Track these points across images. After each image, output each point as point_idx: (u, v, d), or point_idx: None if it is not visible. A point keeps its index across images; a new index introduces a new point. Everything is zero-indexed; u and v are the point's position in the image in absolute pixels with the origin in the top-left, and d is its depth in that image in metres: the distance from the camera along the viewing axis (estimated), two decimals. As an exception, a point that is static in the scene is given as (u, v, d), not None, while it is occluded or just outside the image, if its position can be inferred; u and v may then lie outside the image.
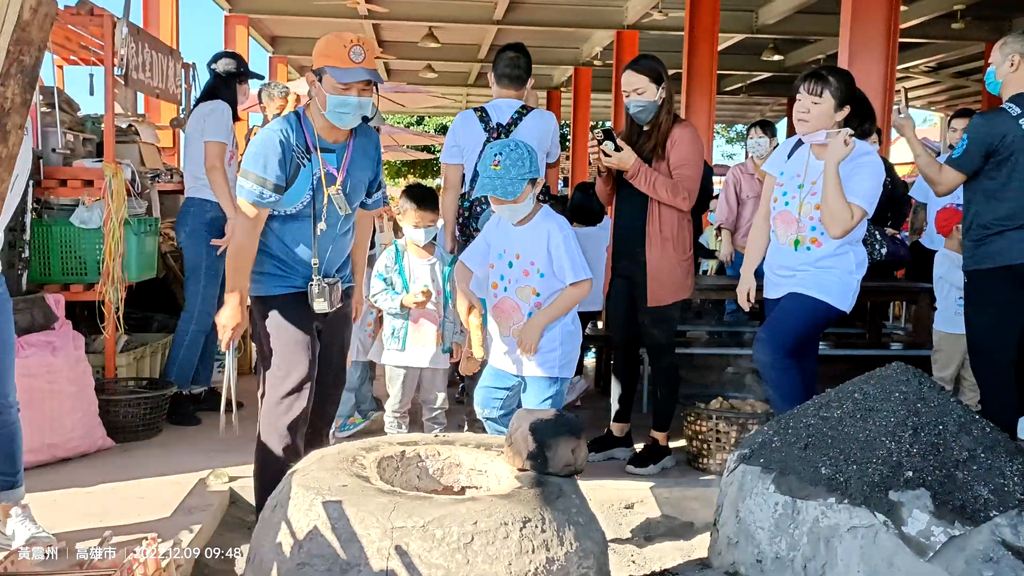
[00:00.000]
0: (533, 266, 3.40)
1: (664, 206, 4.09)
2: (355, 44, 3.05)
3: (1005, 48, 4.08)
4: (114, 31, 4.73)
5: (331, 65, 3.05)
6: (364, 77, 3.06)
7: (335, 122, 3.15)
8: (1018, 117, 3.98)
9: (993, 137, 3.99)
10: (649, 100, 4.06)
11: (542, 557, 2.07)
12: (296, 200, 3.18)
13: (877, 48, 7.07)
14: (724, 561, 2.38)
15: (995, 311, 4.10)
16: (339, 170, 3.25)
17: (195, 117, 5.05)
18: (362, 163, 3.34)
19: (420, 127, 29.90)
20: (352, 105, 3.09)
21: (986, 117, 4.13)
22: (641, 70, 4.06)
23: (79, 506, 3.62)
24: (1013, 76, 4.07)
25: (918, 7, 11.78)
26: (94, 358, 4.65)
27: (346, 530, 2.08)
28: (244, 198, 3.10)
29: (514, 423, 2.42)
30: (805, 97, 3.66)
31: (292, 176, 3.14)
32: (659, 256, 4.11)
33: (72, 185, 4.73)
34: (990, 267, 4.07)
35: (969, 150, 4.06)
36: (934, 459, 2.12)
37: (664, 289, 4.13)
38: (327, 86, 3.07)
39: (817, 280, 3.71)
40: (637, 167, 4.01)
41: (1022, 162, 3.98)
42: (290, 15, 13.37)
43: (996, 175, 4.04)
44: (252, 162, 3.08)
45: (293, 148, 3.13)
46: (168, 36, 8.88)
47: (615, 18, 13.33)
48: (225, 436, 4.17)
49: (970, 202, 4.18)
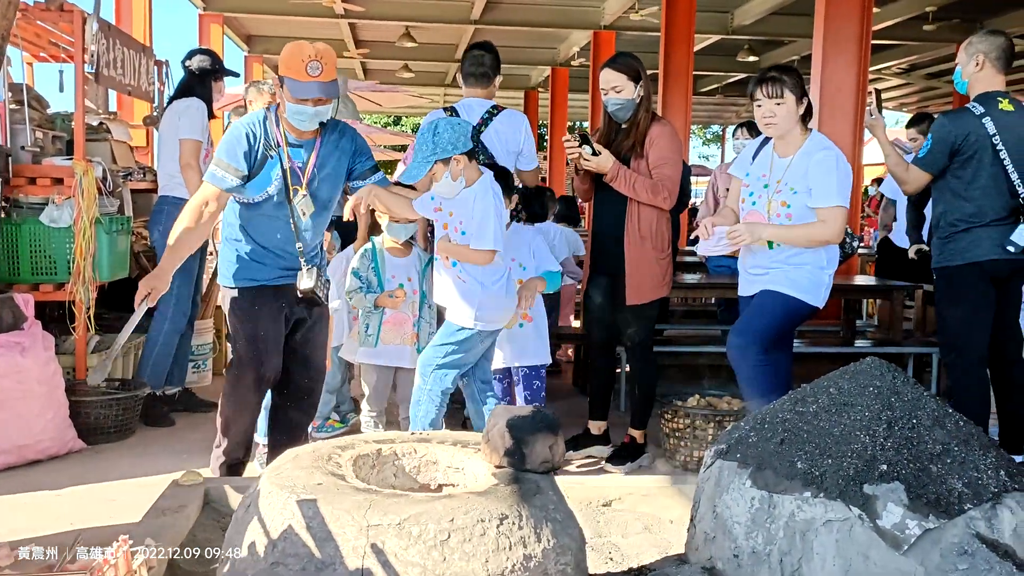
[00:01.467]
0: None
1: (643, 205, 4.10)
2: (312, 59, 3.20)
3: (970, 48, 4.15)
4: (84, 27, 4.67)
5: (289, 77, 3.23)
6: (316, 94, 3.23)
7: (296, 125, 3.35)
8: (981, 116, 4.04)
9: (956, 136, 4.06)
10: (627, 98, 4.07)
11: (519, 554, 2.06)
12: (261, 189, 3.36)
13: (850, 49, 7.13)
14: (701, 556, 2.38)
15: (965, 308, 4.16)
16: (305, 167, 3.39)
17: (169, 115, 5.00)
18: (335, 157, 3.46)
19: (397, 127, 29.82)
20: (309, 114, 3.29)
21: (950, 117, 4.19)
22: (619, 68, 4.08)
23: (49, 509, 3.57)
24: (979, 75, 4.14)
25: (890, 9, 11.89)
26: (65, 359, 4.60)
27: (321, 529, 2.06)
28: (205, 178, 3.37)
29: (491, 420, 2.41)
30: (766, 101, 3.70)
31: (258, 166, 3.34)
32: (638, 254, 4.13)
33: (42, 183, 4.67)
34: (959, 264, 4.13)
35: (933, 150, 4.12)
36: (908, 453, 2.13)
37: (644, 287, 4.15)
38: (286, 94, 3.26)
39: (788, 276, 3.74)
40: (616, 170, 4.03)
41: (986, 160, 4.04)
42: (266, 14, 13.27)
43: (962, 174, 4.09)
44: (219, 150, 3.35)
45: (259, 140, 3.33)
46: (141, 34, 8.79)
47: (592, 19, 13.36)
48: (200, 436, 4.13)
49: (938, 201, 4.25)
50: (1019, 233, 4.01)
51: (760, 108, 3.72)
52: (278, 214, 3.42)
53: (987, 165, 4.04)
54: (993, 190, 4.05)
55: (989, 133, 4.02)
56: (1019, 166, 4.04)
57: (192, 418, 5.02)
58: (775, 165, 3.79)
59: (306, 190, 3.39)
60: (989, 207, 4.06)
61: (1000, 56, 4.10)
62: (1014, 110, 4.09)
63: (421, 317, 4.36)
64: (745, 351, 3.72)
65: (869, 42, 7.28)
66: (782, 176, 3.73)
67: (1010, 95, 4.15)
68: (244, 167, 3.31)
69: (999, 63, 4.11)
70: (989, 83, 4.12)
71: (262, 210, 3.41)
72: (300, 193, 3.38)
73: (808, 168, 3.67)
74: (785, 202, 3.70)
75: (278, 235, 3.44)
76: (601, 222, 4.26)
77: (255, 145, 3.32)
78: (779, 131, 3.73)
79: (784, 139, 3.77)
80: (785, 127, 3.71)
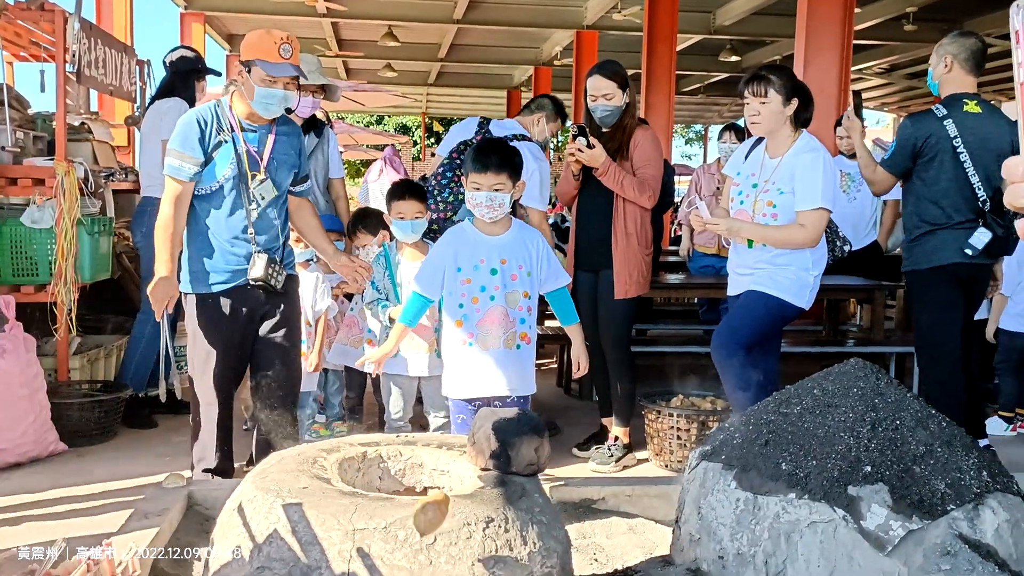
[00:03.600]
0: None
1: (629, 204, 4.21)
2: (284, 42, 3.33)
3: (940, 50, 4.19)
4: (66, 27, 4.63)
5: (260, 59, 3.31)
6: (292, 73, 3.35)
7: (260, 112, 3.41)
8: (943, 118, 4.07)
9: (918, 138, 4.09)
10: (616, 105, 4.20)
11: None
12: (215, 176, 3.39)
13: (832, 49, 7.18)
14: (686, 558, 2.38)
15: (934, 311, 4.17)
16: (261, 152, 3.44)
17: (151, 115, 4.97)
18: (287, 145, 3.54)
19: (380, 126, 29.76)
20: (278, 97, 3.37)
21: (913, 119, 4.23)
22: (610, 76, 4.19)
23: (31, 512, 3.54)
24: (948, 77, 4.17)
25: (871, 9, 11.97)
26: (46, 360, 4.56)
27: (307, 533, 2.05)
28: (166, 173, 3.38)
29: (476, 422, 2.41)
30: (752, 100, 3.74)
31: (211, 151, 3.38)
32: (624, 250, 4.23)
33: (22, 184, 4.63)
34: (926, 267, 4.15)
35: (897, 152, 4.17)
36: (892, 454, 2.14)
37: (631, 282, 4.25)
38: (255, 78, 3.34)
39: (773, 277, 3.76)
40: (607, 164, 4.13)
41: (947, 163, 4.05)
42: (248, 13, 13.22)
43: (924, 176, 4.13)
44: (173, 141, 3.37)
45: (211, 126, 3.38)
46: (122, 33, 8.72)
47: (575, 18, 13.37)
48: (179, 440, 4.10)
49: (906, 203, 4.29)
50: (977, 237, 4.02)
51: (747, 106, 3.77)
52: (231, 204, 3.42)
53: (948, 168, 4.06)
54: (955, 192, 4.06)
55: (950, 135, 4.03)
56: (981, 169, 4.04)
57: (174, 420, 4.99)
58: (765, 165, 3.82)
59: (264, 174, 3.43)
60: (952, 209, 4.08)
61: (969, 58, 4.12)
62: (981, 112, 4.10)
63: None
64: (729, 351, 3.75)
65: (851, 42, 7.34)
66: (770, 176, 3.76)
67: (979, 97, 4.17)
68: (200, 154, 3.35)
69: (968, 65, 4.13)
70: (958, 85, 4.15)
71: (214, 202, 3.42)
72: (258, 178, 3.41)
73: (795, 170, 3.69)
74: (771, 202, 3.72)
75: (231, 227, 3.43)
76: (587, 221, 4.35)
77: (207, 131, 3.36)
78: (763, 130, 3.77)
79: (774, 139, 3.80)
80: (769, 126, 3.75)
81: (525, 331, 3.35)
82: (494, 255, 3.30)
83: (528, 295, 3.33)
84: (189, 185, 3.38)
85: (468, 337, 3.30)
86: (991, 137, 4.05)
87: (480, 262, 3.31)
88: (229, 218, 3.43)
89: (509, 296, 3.30)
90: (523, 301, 3.32)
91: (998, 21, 12.30)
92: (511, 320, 3.31)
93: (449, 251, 3.36)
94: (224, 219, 3.43)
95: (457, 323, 3.32)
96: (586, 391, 5.77)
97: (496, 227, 3.33)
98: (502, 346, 3.30)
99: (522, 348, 3.36)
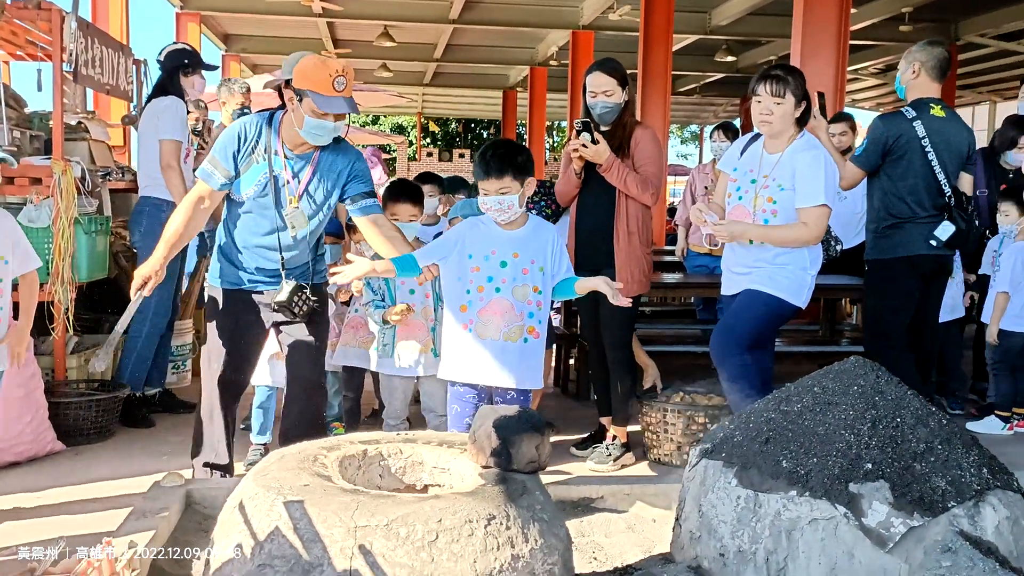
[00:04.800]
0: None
1: (631, 202, 4.21)
2: (339, 75, 3.22)
3: (909, 57, 4.49)
4: (63, 26, 4.62)
5: (313, 91, 3.19)
6: (345, 109, 3.25)
7: (310, 140, 3.32)
8: (913, 120, 4.34)
9: (889, 137, 4.36)
10: (616, 102, 4.20)
11: (507, 554, 2.06)
12: (240, 191, 3.35)
13: (828, 50, 7.20)
14: (687, 555, 2.39)
15: (893, 299, 4.45)
16: (299, 181, 3.36)
17: (148, 114, 4.95)
18: (330, 175, 3.41)
19: (376, 126, 29.76)
20: (328, 128, 3.28)
21: (884, 119, 4.55)
22: (611, 73, 4.19)
23: (29, 511, 3.53)
24: (915, 82, 4.47)
25: (867, 9, 11.99)
26: (43, 360, 4.55)
27: (308, 530, 2.05)
28: (197, 175, 3.39)
29: (477, 420, 2.41)
30: (767, 98, 3.72)
31: (244, 167, 3.32)
32: (626, 249, 4.23)
33: (19, 183, 4.62)
34: (890, 257, 4.42)
35: (868, 149, 4.42)
36: (892, 451, 2.15)
37: (633, 281, 4.23)
38: (306, 108, 3.23)
39: (772, 277, 3.76)
40: (611, 160, 4.13)
41: (916, 161, 4.34)
42: (243, 12, 13.20)
43: (892, 172, 4.39)
44: (214, 147, 3.36)
45: (249, 142, 3.31)
46: (118, 33, 8.72)
47: (570, 18, 13.38)
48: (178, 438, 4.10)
49: (872, 197, 4.53)
50: (942, 229, 4.31)
51: (759, 104, 3.73)
52: (262, 218, 3.39)
53: (916, 165, 4.34)
54: (922, 189, 4.34)
55: (919, 135, 4.31)
56: (946, 167, 4.34)
57: (172, 419, 4.98)
58: (764, 161, 3.80)
59: (298, 203, 3.36)
60: (918, 204, 4.36)
61: (936, 66, 4.41)
62: (945, 116, 4.39)
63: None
64: (728, 351, 3.75)
65: (847, 42, 7.35)
66: (770, 172, 3.74)
67: (943, 102, 4.47)
68: (231, 167, 3.31)
69: (934, 72, 4.41)
70: (924, 90, 4.43)
71: (247, 212, 3.39)
72: (292, 206, 3.35)
73: (796, 167, 3.69)
74: (771, 198, 3.71)
75: (259, 237, 3.41)
76: (588, 219, 4.32)
77: (243, 146, 3.31)
78: (774, 130, 3.75)
79: (777, 137, 3.79)
80: (780, 127, 3.74)
81: (533, 325, 3.32)
82: (507, 248, 3.31)
83: (539, 290, 3.32)
84: (217, 194, 3.37)
85: (468, 323, 3.31)
86: (953, 140, 4.39)
87: (491, 253, 3.30)
88: (257, 233, 3.41)
89: (518, 290, 3.29)
90: (533, 296, 3.31)
91: (992, 21, 12.35)
92: (518, 314, 3.29)
93: (461, 238, 3.36)
94: (252, 230, 3.41)
95: (462, 308, 3.32)
96: (583, 391, 5.77)
97: (512, 224, 3.33)
98: (502, 338, 3.28)
99: (529, 342, 3.33)
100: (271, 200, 3.34)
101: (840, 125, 6.08)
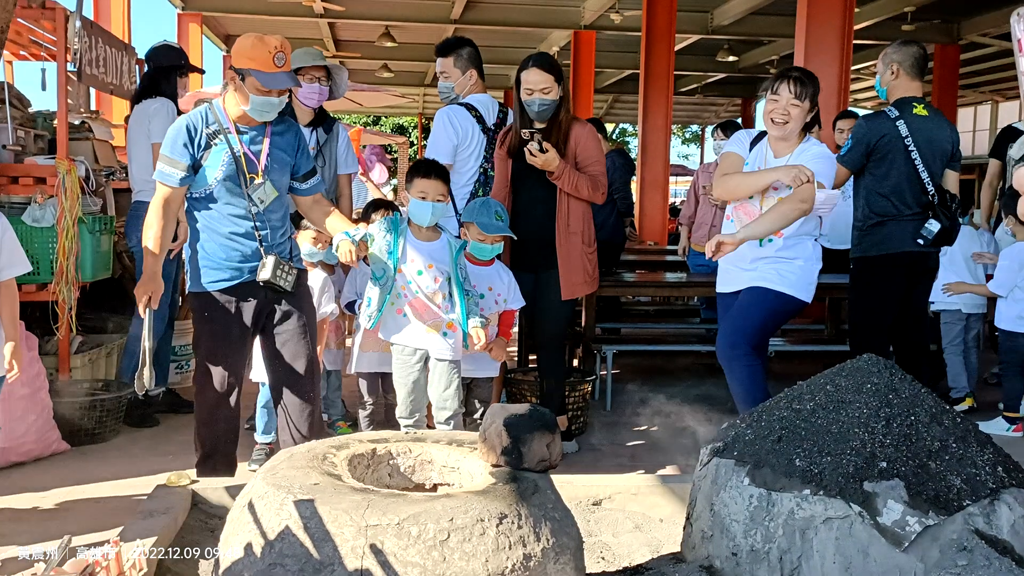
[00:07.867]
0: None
1: (572, 200, 4.17)
2: (278, 51, 3.30)
3: (886, 58, 4.55)
4: (67, 25, 4.60)
5: (256, 69, 3.27)
6: (287, 84, 3.34)
7: (256, 117, 3.39)
8: (896, 119, 4.41)
9: (872, 137, 4.42)
10: (553, 99, 4.12)
11: (519, 553, 2.04)
12: (208, 179, 3.36)
13: (832, 49, 7.19)
14: (699, 555, 2.37)
15: (877, 295, 4.52)
16: (259, 154, 3.41)
17: (137, 117, 4.89)
18: (283, 145, 3.50)
19: (377, 127, 29.74)
20: (274, 104, 3.37)
21: (868, 119, 4.62)
22: (548, 69, 4.12)
23: (33, 511, 3.52)
24: (895, 83, 4.53)
25: (869, 9, 11.98)
26: (48, 360, 4.54)
27: (319, 529, 2.04)
28: (155, 179, 3.38)
29: (488, 419, 2.40)
30: (787, 98, 3.70)
31: (201, 156, 3.35)
32: (569, 249, 4.19)
33: (24, 182, 4.60)
34: (875, 255, 4.49)
35: (853, 148, 4.49)
36: (907, 450, 2.13)
37: (576, 281, 4.21)
38: (250, 87, 3.30)
39: (780, 272, 3.75)
40: (563, 167, 4.08)
41: (899, 160, 4.40)
42: (245, 13, 13.19)
43: (876, 171, 4.45)
44: (163, 147, 3.36)
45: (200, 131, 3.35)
46: (119, 34, 8.69)
47: (572, 18, 13.36)
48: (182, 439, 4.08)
49: (857, 195, 4.60)
50: (928, 227, 4.38)
51: (777, 103, 3.73)
52: (229, 205, 3.40)
53: (900, 164, 4.39)
54: (906, 187, 4.41)
55: (902, 135, 4.37)
56: (929, 166, 4.40)
57: (176, 419, 4.97)
58: (770, 163, 3.80)
59: (262, 177, 3.39)
60: (902, 203, 4.42)
61: (913, 64, 4.47)
62: (928, 115, 4.45)
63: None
64: (736, 351, 3.73)
65: (851, 42, 7.34)
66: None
67: (925, 101, 4.54)
68: (187, 158, 3.32)
69: (913, 71, 4.48)
70: (905, 89, 4.50)
71: (210, 204, 3.40)
72: (257, 181, 3.39)
73: (804, 162, 3.68)
74: (782, 199, 3.70)
75: (231, 228, 3.41)
76: (527, 220, 4.20)
77: (196, 136, 3.33)
78: (786, 131, 3.75)
79: (785, 140, 3.79)
80: (794, 128, 3.76)
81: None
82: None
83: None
84: (179, 190, 3.36)
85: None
86: (936, 138, 4.44)
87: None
88: (228, 219, 3.40)
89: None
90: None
91: (995, 21, 12.33)
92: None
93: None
94: (222, 220, 3.41)
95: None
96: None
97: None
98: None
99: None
100: (239, 179, 3.37)
101: (847, 122, 6.08)
